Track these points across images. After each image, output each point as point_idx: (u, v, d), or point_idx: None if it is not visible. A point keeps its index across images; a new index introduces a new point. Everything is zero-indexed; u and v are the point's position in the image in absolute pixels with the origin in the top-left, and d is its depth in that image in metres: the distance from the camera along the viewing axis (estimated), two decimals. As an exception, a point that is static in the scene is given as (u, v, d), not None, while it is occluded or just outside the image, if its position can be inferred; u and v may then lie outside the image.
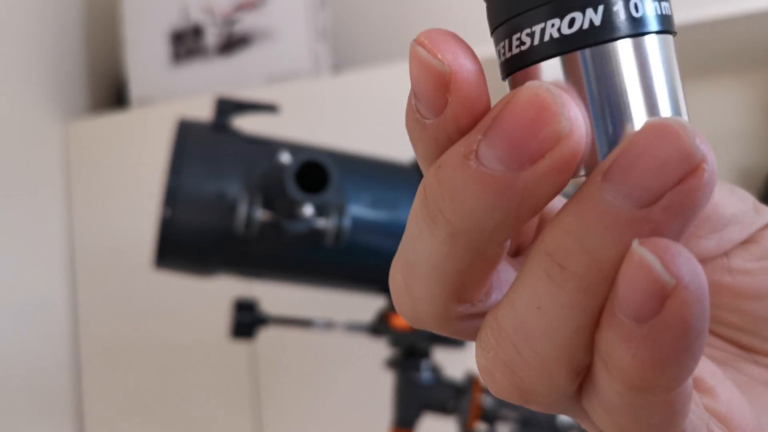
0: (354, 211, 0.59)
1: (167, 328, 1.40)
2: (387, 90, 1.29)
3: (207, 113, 0.60)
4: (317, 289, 0.68)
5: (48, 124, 1.48)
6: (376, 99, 1.30)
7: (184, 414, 1.38)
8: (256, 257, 0.59)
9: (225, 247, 0.57)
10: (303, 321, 0.75)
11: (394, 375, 0.73)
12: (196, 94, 1.45)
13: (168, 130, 0.58)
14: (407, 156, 0.72)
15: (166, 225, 0.55)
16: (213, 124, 0.59)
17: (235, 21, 1.45)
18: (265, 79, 1.43)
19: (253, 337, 0.71)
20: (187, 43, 1.48)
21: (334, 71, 1.56)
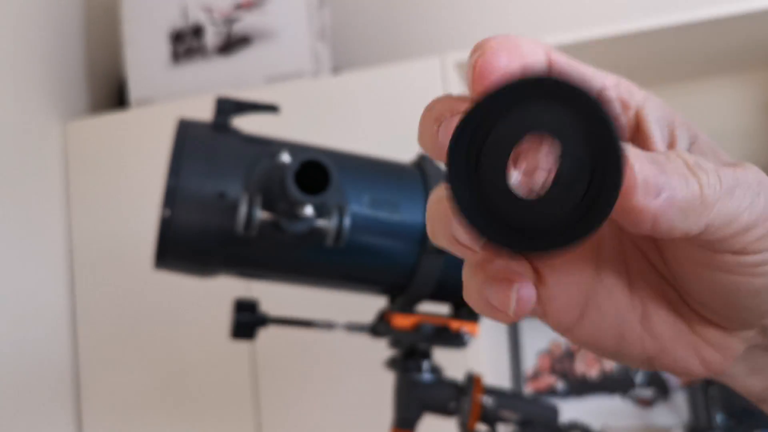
0: (354, 211, 0.58)
1: (166, 328, 1.40)
2: (387, 90, 1.29)
3: (207, 113, 0.60)
4: (317, 289, 0.68)
5: (48, 125, 1.48)
6: (376, 99, 1.30)
7: (183, 414, 1.38)
8: (256, 257, 0.59)
9: (225, 247, 0.57)
10: (303, 321, 0.75)
11: (394, 375, 0.73)
12: (195, 94, 1.45)
13: (167, 130, 0.57)
14: (407, 156, 0.72)
15: (167, 225, 0.55)
16: (213, 124, 0.59)
17: (235, 21, 1.45)
18: (265, 79, 1.43)
19: (253, 337, 0.71)
20: (187, 43, 1.47)
21: (334, 71, 1.56)
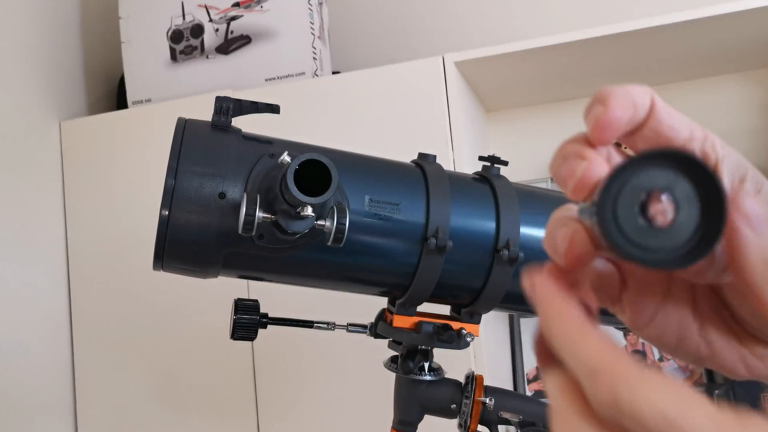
0: (354, 211, 0.58)
1: (163, 328, 1.39)
2: (387, 90, 1.29)
3: (206, 113, 0.59)
4: (317, 290, 0.67)
5: (45, 124, 1.47)
6: (376, 99, 1.30)
7: (180, 416, 1.38)
8: (256, 257, 0.58)
9: (225, 248, 0.56)
10: (303, 322, 0.74)
11: (394, 376, 0.73)
12: (195, 93, 1.45)
13: (166, 130, 0.57)
14: (407, 156, 0.71)
15: (166, 225, 0.54)
16: (213, 123, 0.58)
17: (234, 20, 1.45)
18: (265, 79, 1.43)
19: (253, 337, 0.70)
20: (186, 42, 1.47)
21: (333, 71, 1.55)
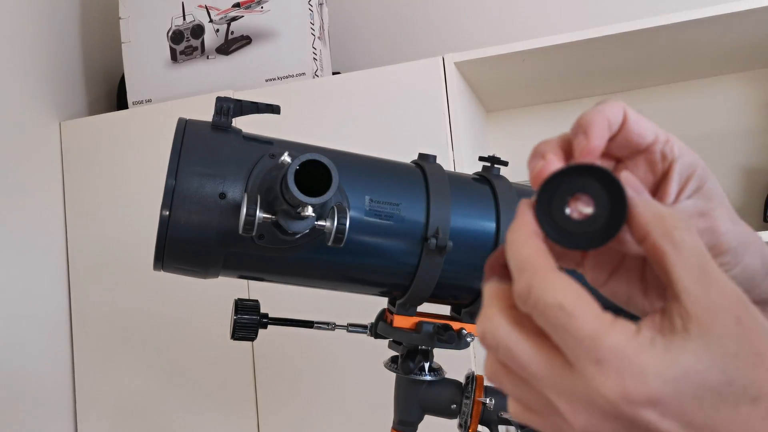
0: (354, 211, 0.58)
1: (163, 328, 1.39)
2: (387, 90, 1.29)
3: (206, 113, 0.59)
4: (317, 290, 0.67)
5: (45, 125, 1.47)
6: (376, 99, 1.30)
7: (180, 416, 1.38)
8: (257, 258, 0.58)
9: (225, 248, 0.56)
10: (304, 322, 0.74)
11: (395, 377, 0.73)
12: (195, 94, 1.45)
13: (166, 130, 0.57)
14: (407, 156, 0.71)
15: (166, 225, 0.54)
16: (213, 123, 0.58)
17: (234, 21, 1.45)
18: (265, 80, 1.43)
19: (253, 338, 0.70)
20: (187, 42, 1.47)
21: (334, 72, 1.55)
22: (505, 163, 0.69)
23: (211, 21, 1.46)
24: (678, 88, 1.57)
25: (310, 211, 0.50)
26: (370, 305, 0.77)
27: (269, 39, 1.43)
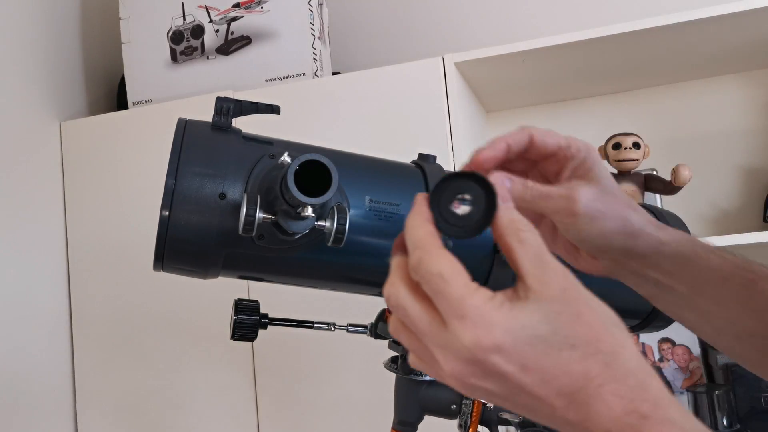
0: (354, 211, 0.58)
1: (163, 328, 1.39)
2: (387, 90, 1.29)
3: (207, 114, 0.59)
4: (318, 290, 0.67)
5: (45, 125, 1.47)
6: (376, 99, 1.30)
7: (180, 416, 1.38)
8: (257, 258, 0.58)
9: (225, 248, 0.56)
10: (304, 322, 0.74)
11: (395, 377, 0.73)
12: (195, 94, 1.45)
13: (165, 130, 0.57)
14: (407, 156, 0.71)
15: (166, 225, 0.54)
16: (213, 124, 0.58)
17: (234, 21, 1.45)
18: (265, 80, 1.43)
19: (253, 338, 0.70)
20: (187, 43, 1.47)
21: (334, 72, 1.55)
22: (505, 164, 0.69)
23: (211, 21, 1.46)
24: (678, 88, 1.57)
25: (309, 211, 0.50)
26: (370, 305, 0.77)
27: (269, 39, 1.43)
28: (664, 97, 1.58)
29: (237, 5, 1.45)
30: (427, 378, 0.69)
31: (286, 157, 0.50)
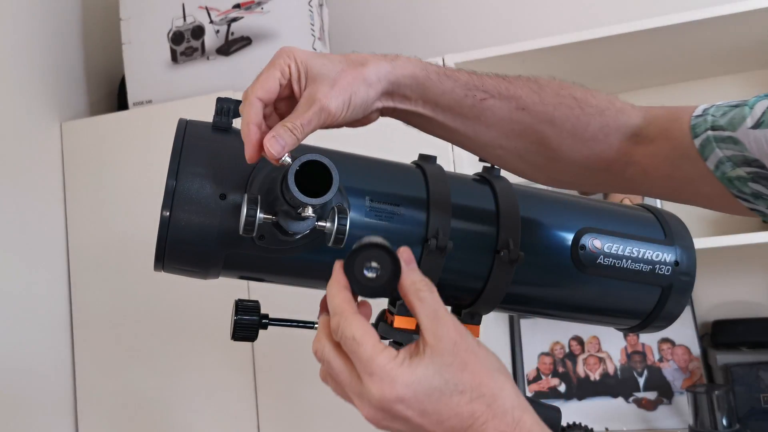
0: (355, 211, 0.58)
1: (163, 329, 1.39)
2: (388, 90, 1.29)
3: (207, 114, 0.59)
4: (318, 290, 0.67)
5: (46, 125, 1.47)
6: (377, 99, 1.30)
7: (182, 414, 1.38)
8: (257, 258, 0.58)
9: (226, 249, 0.56)
10: (304, 322, 0.74)
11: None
12: (196, 95, 1.45)
13: (166, 131, 0.57)
14: (407, 156, 0.71)
15: (167, 226, 0.55)
16: (214, 124, 0.58)
17: (234, 21, 1.45)
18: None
19: (254, 338, 0.70)
20: (187, 43, 1.47)
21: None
22: (505, 164, 0.69)
23: (211, 22, 1.46)
24: (678, 88, 1.57)
25: (310, 211, 0.50)
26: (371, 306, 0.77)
27: (269, 40, 1.43)
28: (664, 97, 1.58)
29: (237, 6, 1.45)
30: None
31: (286, 158, 0.51)
